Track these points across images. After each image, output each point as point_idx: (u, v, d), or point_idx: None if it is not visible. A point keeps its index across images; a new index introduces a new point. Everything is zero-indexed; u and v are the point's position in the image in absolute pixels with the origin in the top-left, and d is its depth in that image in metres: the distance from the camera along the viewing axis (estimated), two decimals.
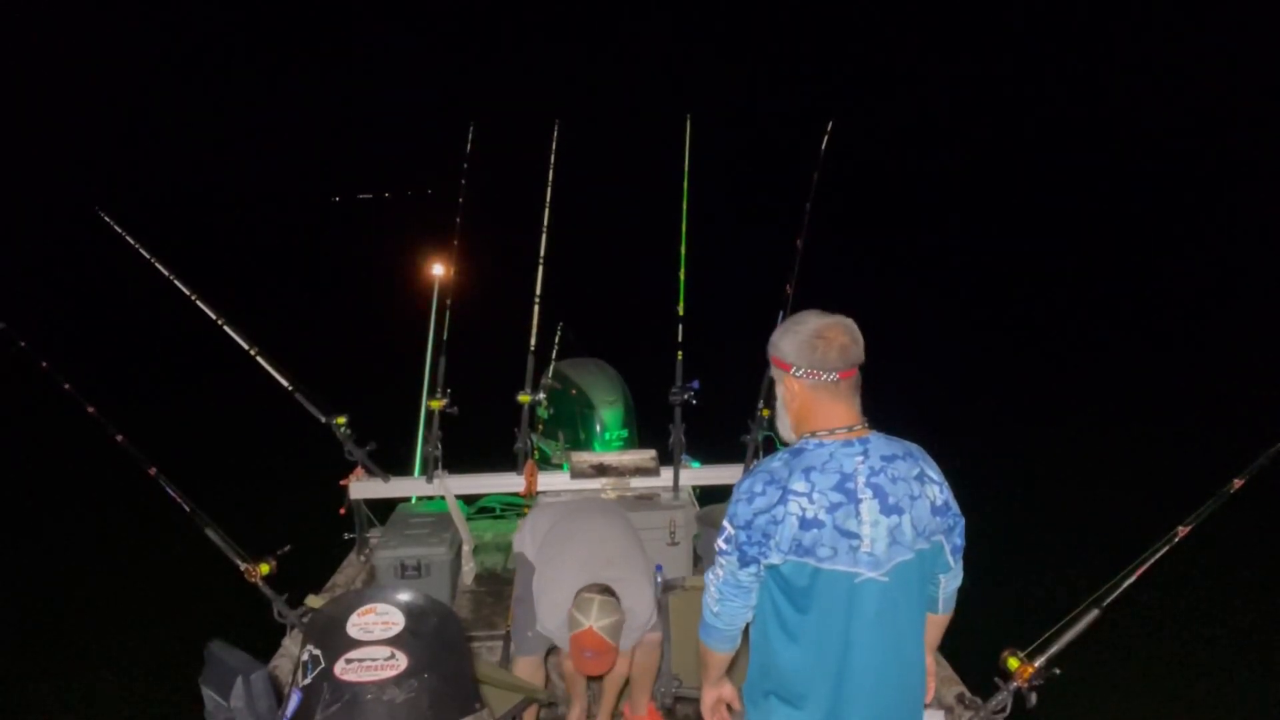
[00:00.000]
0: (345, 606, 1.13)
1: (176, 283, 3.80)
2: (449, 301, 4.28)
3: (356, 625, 1.09)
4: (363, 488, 3.94)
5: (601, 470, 3.93)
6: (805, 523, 1.79)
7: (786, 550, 1.81)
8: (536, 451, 4.60)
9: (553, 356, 4.80)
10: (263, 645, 3.11)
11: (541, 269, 4.11)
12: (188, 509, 3.07)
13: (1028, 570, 5.96)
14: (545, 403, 4.59)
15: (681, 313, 3.98)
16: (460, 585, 3.95)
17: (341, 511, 3.98)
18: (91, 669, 5.27)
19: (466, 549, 4.00)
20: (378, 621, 1.10)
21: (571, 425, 4.56)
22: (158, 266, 3.82)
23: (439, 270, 4.52)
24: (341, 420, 3.78)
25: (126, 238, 3.91)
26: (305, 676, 1.07)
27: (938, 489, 1.90)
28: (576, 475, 3.91)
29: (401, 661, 1.06)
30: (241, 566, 2.98)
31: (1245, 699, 4.77)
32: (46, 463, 8.82)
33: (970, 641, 2.78)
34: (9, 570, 6.59)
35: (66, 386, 3.30)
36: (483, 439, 4.16)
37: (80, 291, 20.61)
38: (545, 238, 4.18)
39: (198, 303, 3.80)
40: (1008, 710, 2.52)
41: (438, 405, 3.93)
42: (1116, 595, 2.55)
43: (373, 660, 1.06)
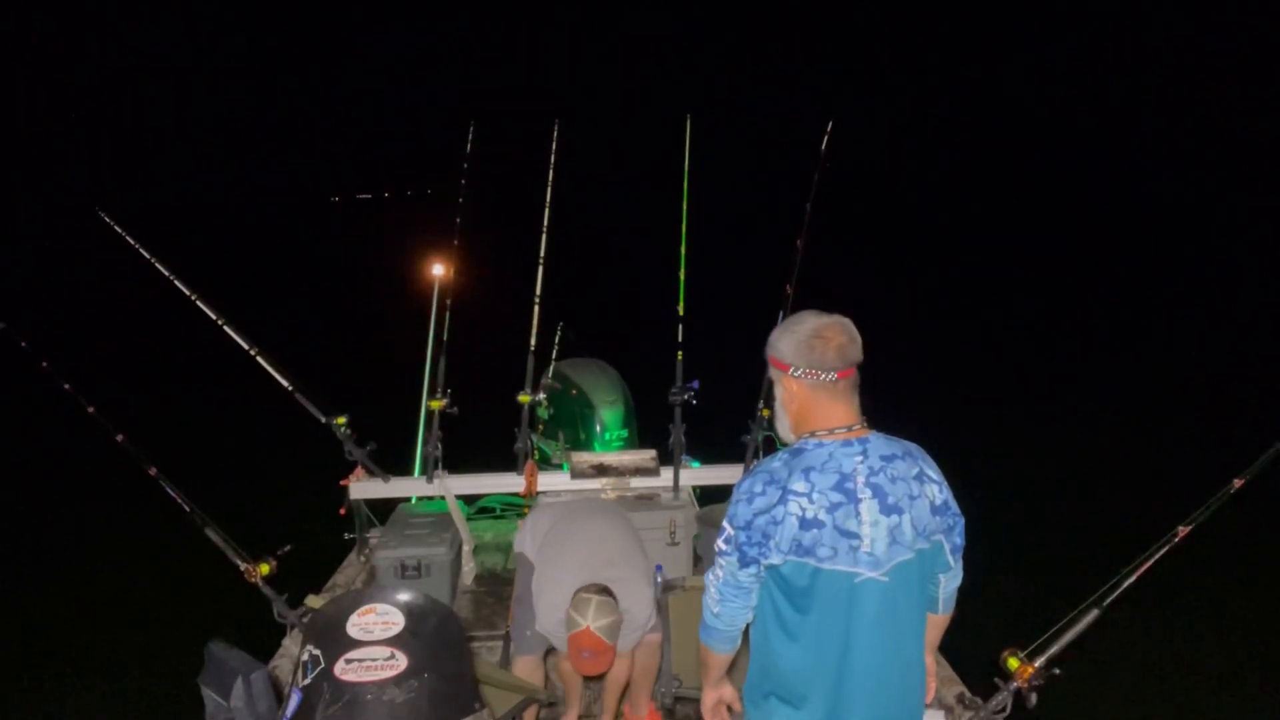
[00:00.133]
0: (345, 606, 1.12)
1: (176, 283, 3.80)
2: (449, 301, 4.28)
3: (356, 625, 1.09)
4: (363, 488, 3.94)
5: (601, 470, 3.93)
6: (805, 523, 1.79)
7: (786, 550, 1.81)
8: (536, 451, 4.60)
9: (553, 356, 4.80)
10: (263, 645, 3.11)
11: (541, 269, 4.11)
12: (188, 509, 3.07)
13: (1028, 570, 5.96)
14: (545, 403, 4.59)
15: (681, 313, 3.99)
16: (460, 585, 3.95)
17: (341, 511, 3.98)
18: (91, 669, 5.26)
19: (466, 549, 4.00)
20: (378, 622, 1.10)
21: (571, 425, 4.57)
22: (158, 266, 3.82)
23: (439, 270, 4.52)
24: (341, 420, 3.78)
25: (126, 238, 3.92)
26: (305, 676, 1.07)
27: (937, 488, 1.90)
28: (576, 475, 3.91)
29: (401, 662, 1.06)
30: (241, 566, 2.98)
31: (1245, 699, 4.77)
32: (46, 463, 8.81)
33: (970, 641, 2.79)
34: (9, 570, 6.59)
35: (66, 386, 3.31)
36: (483, 439, 4.15)
37: (80, 291, 20.61)
38: (545, 238, 4.19)
39: (198, 303, 3.80)
40: (1008, 710, 2.52)
41: (438, 405, 3.93)
42: (1116, 595, 2.55)
43: (373, 660, 1.06)
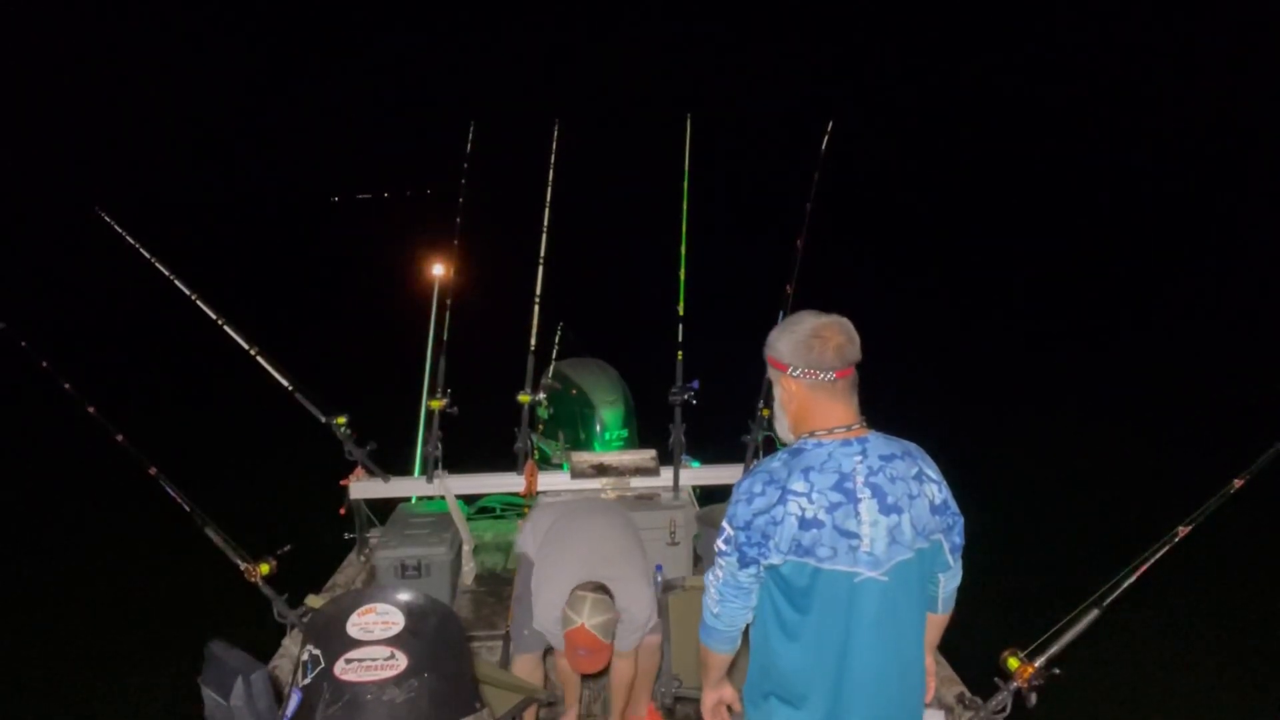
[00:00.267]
0: (345, 606, 1.12)
1: (177, 282, 3.80)
2: (449, 301, 4.28)
3: (356, 625, 1.09)
4: (363, 488, 3.94)
5: (601, 470, 3.93)
6: (805, 523, 1.79)
7: (786, 550, 1.81)
8: (536, 451, 4.60)
9: (553, 356, 4.80)
10: (263, 645, 3.11)
11: (541, 269, 4.11)
12: (188, 509, 3.07)
13: (1028, 570, 5.96)
14: (545, 403, 4.59)
15: (681, 313, 3.99)
16: (460, 585, 3.95)
17: (341, 511, 3.98)
18: (91, 668, 5.27)
19: (466, 549, 4.00)
20: (378, 621, 1.10)
21: (571, 425, 4.57)
22: (158, 266, 3.82)
23: (439, 270, 4.52)
24: (341, 420, 3.78)
25: (126, 237, 3.91)
26: (305, 676, 1.07)
27: (936, 488, 1.90)
28: (576, 475, 3.91)
29: (401, 661, 1.06)
30: (241, 566, 2.98)
31: (1245, 699, 4.77)
32: (46, 463, 8.82)
33: (970, 641, 2.79)
34: (9, 570, 6.59)
35: (66, 386, 3.30)
36: (483, 439, 4.16)
37: (80, 291, 20.61)
38: (545, 238, 4.18)
39: (198, 302, 3.80)
40: (1008, 710, 2.52)
41: (438, 405, 3.93)
42: (1116, 595, 2.55)
43: (373, 660, 1.06)
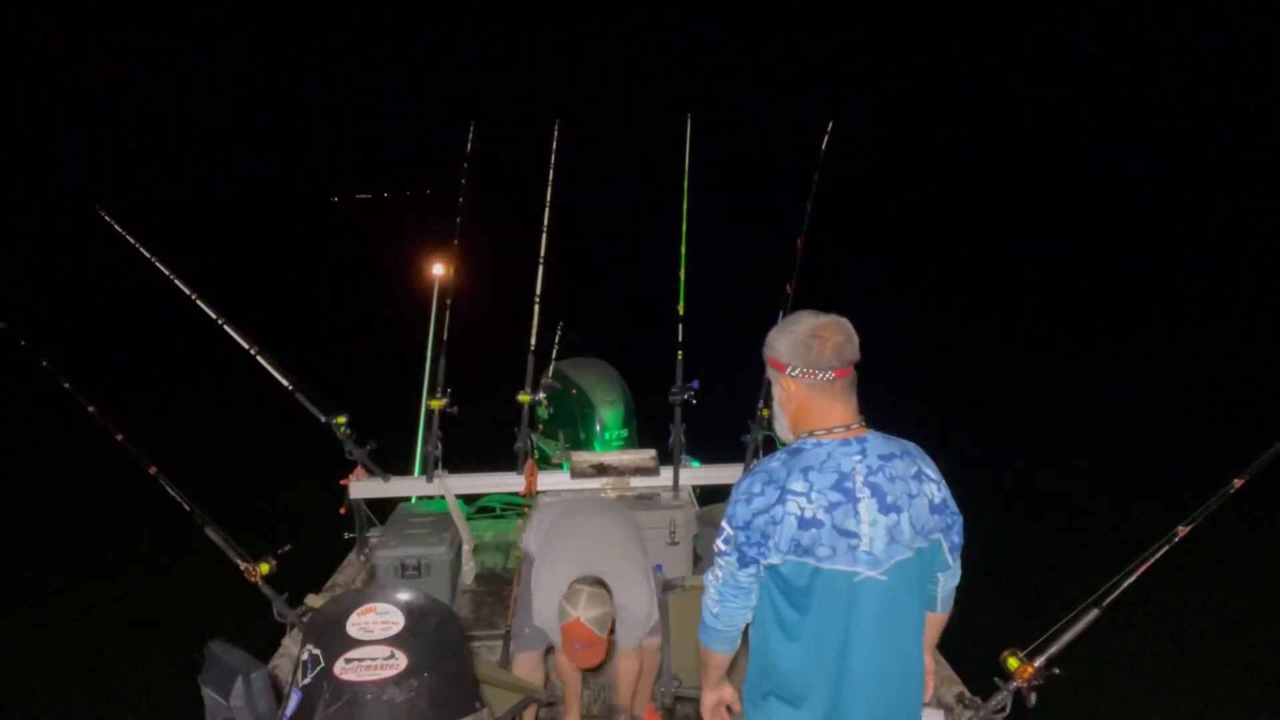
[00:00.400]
0: (345, 606, 1.13)
1: (177, 282, 3.81)
2: (449, 301, 4.28)
3: (356, 625, 1.09)
4: (363, 487, 3.94)
5: (601, 470, 3.93)
6: (804, 522, 1.79)
7: (786, 550, 1.81)
8: (536, 451, 4.60)
9: (553, 356, 4.80)
10: (263, 645, 3.12)
11: (541, 269, 4.11)
12: (188, 508, 3.07)
13: (1028, 570, 5.96)
14: (545, 402, 4.59)
15: (681, 313, 3.99)
16: (460, 585, 3.95)
17: (341, 511, 3.98)
18: (91, 668, 5.27)
19: (466, 549, 4.00)
20: (378, 621, 1.10)
21: (571, 425, 4.57)
22: (158, 266, 3.83)
23: (439, 270, 4.52)
24: (341, 420, 3.78)
25: (127, 237, 3.91)
26: (305, 676, 1.07)
27: (935, 487, 1.90)
28: (576, 475, 3.91)
29: (401, 661, 1.06)
30: (241, 566, 2.98)
31: (1245, 698, 4.77)
32: (46, 462, 8.81)
33: (970, 641, 2.79)
34: (9, 570, 6.59)
35: (66, 386, 3.30)
36: (483, 439, 4.15)
37: (80, 291, 20.61)
38: (545, 238, 4.18)
39: (198, 302, 3.80)
40: (1007, 710, 2.52)
41: (438, 405, 3.93)
42: (1116, 595, 2.55)
43: (372, 660, 1.06)
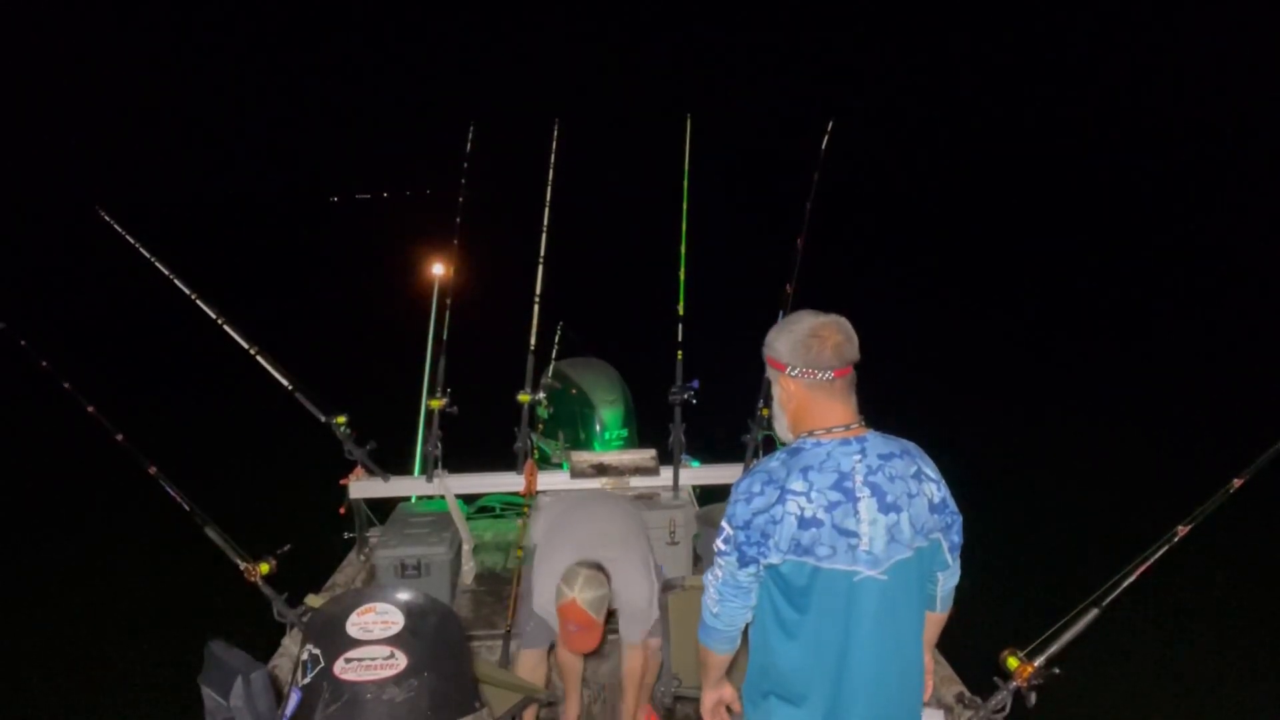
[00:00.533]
0: (345, 606, 1.13)
1: (177, 282, 3.81)
2: (449, 301, 4.28)
3: (356, 624, 1.09)
4: (362, 487, 3.94)
5: (601, 470, 3.93)
6: (804, 522, 1.79)
7: (785, 550, 1.81)
8: (536, 451, 4.60)
9: (553, 356, 4.81)
10: (263, 645, 3.11)
11: (541, 269, 4.11)
12: (188, 508, 3.07)
13: (1028, 570, 5.96)
14: (545, 402, 4.60)
15: (681, 313, 3.99)
16: (460, 585, 3.95)
17: (341, 511, 3.98)
18: (91, 668, 5.26)
19: (466, 548, 4.00)
20: (377, 621, 1.10)
21: (571, 425, 4.57)
22: (158, 266, 3.83)
23: (439, 270, 4.52)
24: (341, 420, 3.78)
25: (127, 237, 3.91)
26: (305, 676, 1.07)
27: (935, 486, 1.90)
28: (576, 475, 3.91)
29: (401, 661, 1.06)
30: (241, 566, 2.98)
31: (1245, 698, 4.77)
32: (46, 462, 8.81)
33: (970, 641, 2.79)
34: (9, 570, 6.58)
35: (66, 386, 3.30)
36: (483, 439, 4.16)
37: (80, 291, 20.61)
38: (545, 237, 4.19)
39: (198, 302, 3.80)
40: (1007, 710, 2.52)
41: (438, 405, 3.93)
42: (1116, 595, 2.55)
43: (372, 660, 1.06)
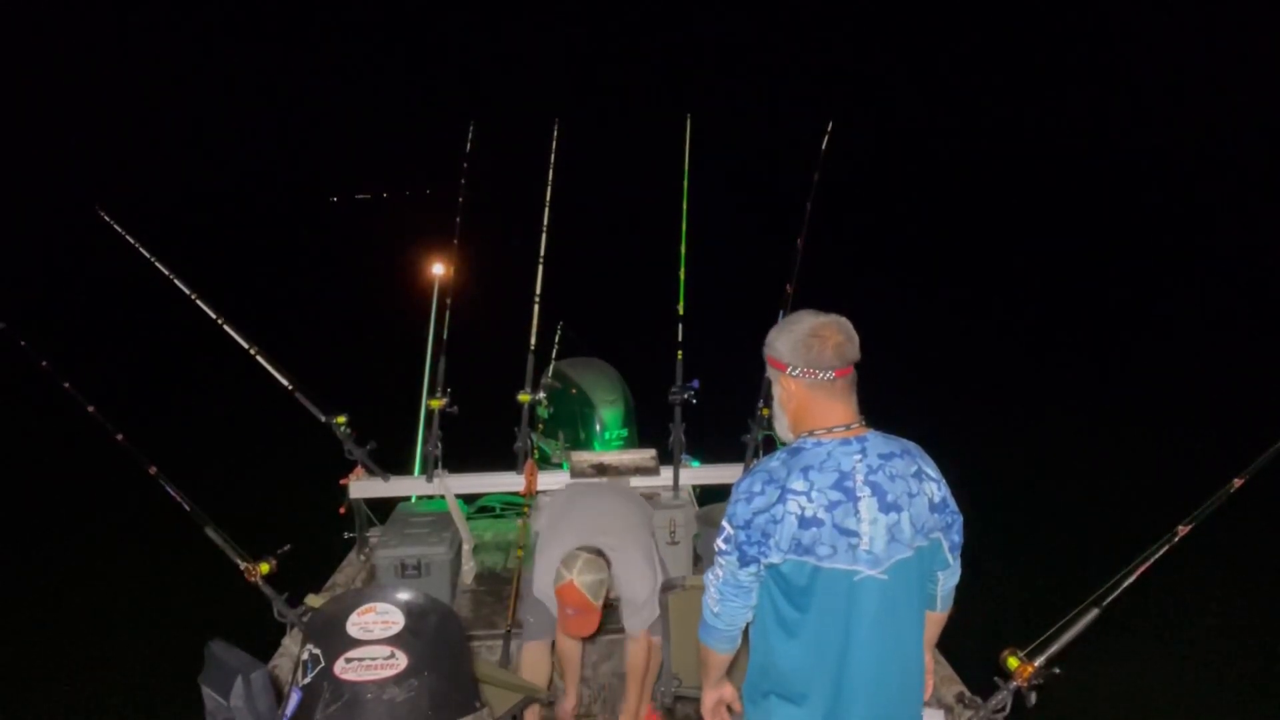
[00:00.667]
0: (345, 606, 1.13)
1: (177, 282, 3.81)
2: (449, 301, 4.28)
3: (356, 624, 1.09)
4: (362, 487, 3.94)
5: (601, 469, 3.93)
6: (804, 521, 1.80)
7: (786, 549, 1.81)
8: (536, 451, 4.60)
9: (553, 356, 4.81)
10: (263, 645, 3.11)
11: (541, 269, 4.11)
12: (188, 508, 3.07)
13: (1028, 570, 5.96)
14: (545, 402, 4.60)
15: (681, 313, 3.99)
16: (460, 585, 3.95)
17: (341, 511, 3.98)
18: (91, 668, 5.26)
19: (466, 548, 4.00)
20: (377, 621, 1.10)
21: (571, 424, 4.57)
22: (158, 266, 3.83)
23: (439, 270, 4.53)
24: (341, 420, 3.79)
25: (127, 237, 3.92)
26: (305, 676, 1.07)
27: (935, 486, 1.90)
28: (576, 474, 3.91)
29: (401, 661, 1.06)
30: (241, 566, 2.98)
31: (1245, 698, 4.77)
32: (46, 462, 8.81)
33: (970, 641, 2.79)
34: (9, 570, 6.58)
35: (66, 386, 3.31)
36: (483, 439, 4.16)
37: (80, 291, 20.61)
38: (545, 237, 4.19)
39: (198, 302, 3.80)
40: (1007, 709, 2.52)
41: (438, 405, 3.93)
42: (1116, 595, 2.55)
43: (372, 659, 1.06)
